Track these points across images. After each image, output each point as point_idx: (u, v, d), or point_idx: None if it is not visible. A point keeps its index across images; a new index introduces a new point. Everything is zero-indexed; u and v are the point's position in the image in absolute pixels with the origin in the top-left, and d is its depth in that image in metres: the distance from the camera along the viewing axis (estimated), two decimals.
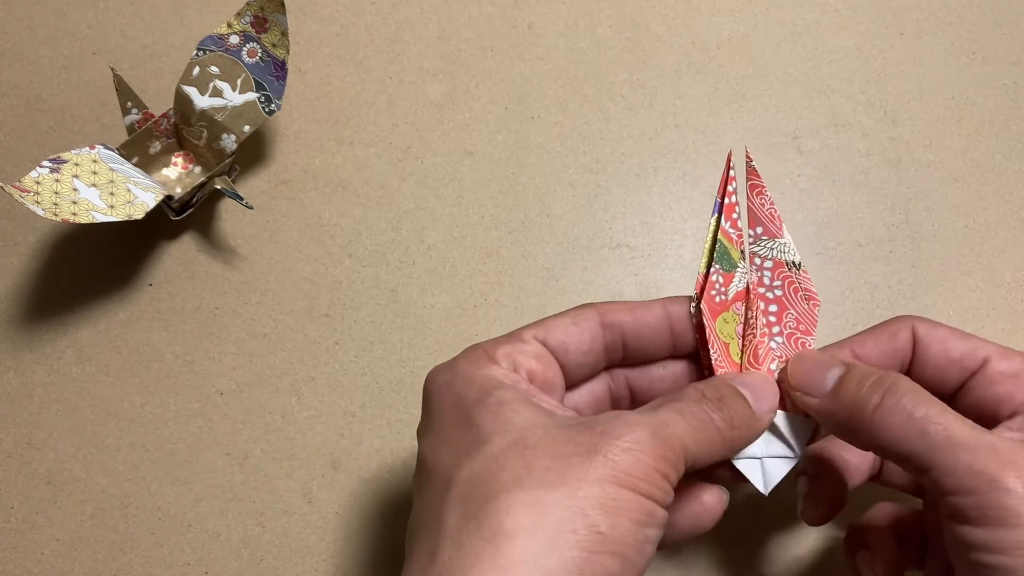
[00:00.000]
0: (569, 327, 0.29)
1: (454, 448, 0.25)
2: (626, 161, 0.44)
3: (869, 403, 0.26)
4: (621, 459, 0.23)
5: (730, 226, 0.31)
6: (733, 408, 0.27)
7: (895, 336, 0.30)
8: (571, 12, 0.46)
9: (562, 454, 0.23)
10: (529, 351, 0.28)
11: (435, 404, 0.27)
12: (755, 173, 0.31)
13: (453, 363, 0.28)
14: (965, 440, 0.24)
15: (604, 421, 0.24)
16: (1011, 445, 0.24)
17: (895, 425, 0.25)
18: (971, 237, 0.42)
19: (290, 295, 0.41)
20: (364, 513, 0.39)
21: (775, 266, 0.31)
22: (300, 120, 0.44)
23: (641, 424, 0.24)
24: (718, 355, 0.30)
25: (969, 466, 0.24)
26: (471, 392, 0.26)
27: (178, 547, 0.39)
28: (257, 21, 0.40)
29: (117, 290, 0.41)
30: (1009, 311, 0.41)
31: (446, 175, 0.43)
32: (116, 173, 0.38)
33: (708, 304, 0.30)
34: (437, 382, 0.28)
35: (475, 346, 0.29)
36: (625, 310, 0.30)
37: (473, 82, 0.45)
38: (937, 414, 0.25)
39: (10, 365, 0.40)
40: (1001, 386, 0.28)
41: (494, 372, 0.27)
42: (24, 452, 0.40)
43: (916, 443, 0.25)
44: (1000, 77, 0.45)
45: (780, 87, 0.45)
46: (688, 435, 0.25)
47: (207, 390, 0.40)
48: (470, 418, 0.25)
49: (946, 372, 0.30)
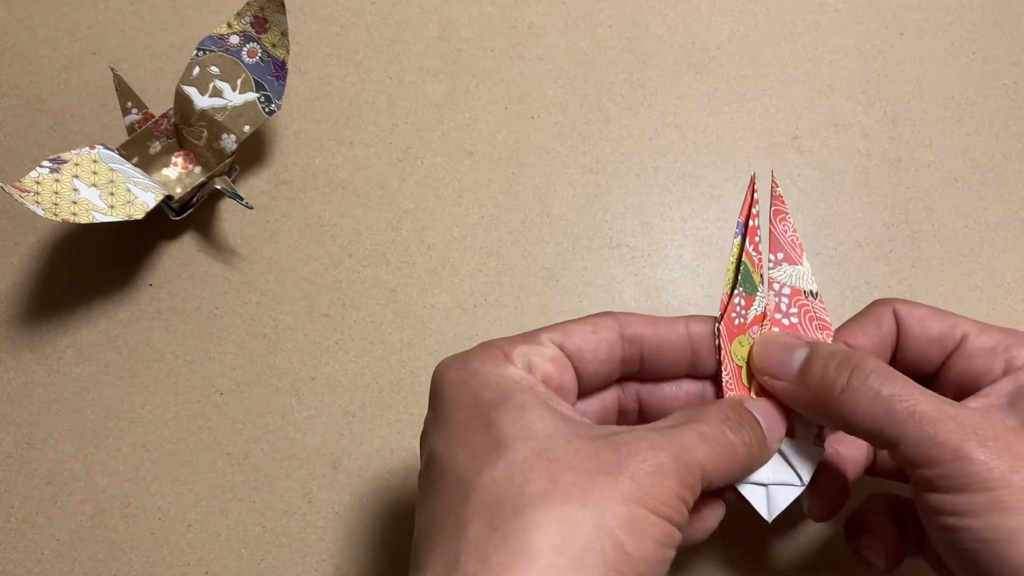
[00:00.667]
0: (588, 334, 0.29)
1: (472, 449, 0.24)
2: (626, 161, 0.44)
3: (836, 384, 0.27)
4: (646, 482, 0.23)
5: (753, 249, 0.31)
6: (751, 433, 0.27)
7: (880, 322, 0.31)
8: (571, 12, 0.46)
9: (587, 470, 0.23)
10: (546, 354, 0.28)
11: (448, 400, 0.26)
12: (780, 199, 0.31)
13: (466, 359, 0.27)
14: (929, 414, 0.25)
15: (628, 441, 0.24)
16: (973, 416, 0.25)
17: (863, 404, 0.26)
18: (971, 237, 0.42)
19: (290, 295, 0.41)
20: (364, 513, 0.39)
21: (792, 293, 0.31)
22: (300, 120, 0.44)
23: (665, 447, 0.24)
24: (729, 377, 0.30)
25: (933, 438, 0.24)
26: (488, 392, 0.25)
27: (178, 547, 0.39)
28: (257, 21, 0.40)
29: (117, 290, 0.41)
30: (1009, 311, 0.41)
31: (446, 175, 0.43)
32: (116, 173, 0.38)
33: (727, 325, 0.30)
34: (449, 377, 0.27)
35: (490, 343, 0.28)
36: (646, 323, 0.30)
37: (473, 82, 0.45)
38: (902, 390, 0.26)
39: (10, 365, 0.40)
40: (980, 360, 0.29)
41: (510, 372, 0.26)
42: (24, 452, 0.40)
43: (883, 420, 0.25)
44: (1000, 77, 0.45)
45: (780, 87, 0.45)
46: (708, 460, 0.25)
47: (207, 390, 0.40)
48: (489, 419, 0.25)
49: (928, 350, 0.30)
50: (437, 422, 0.27)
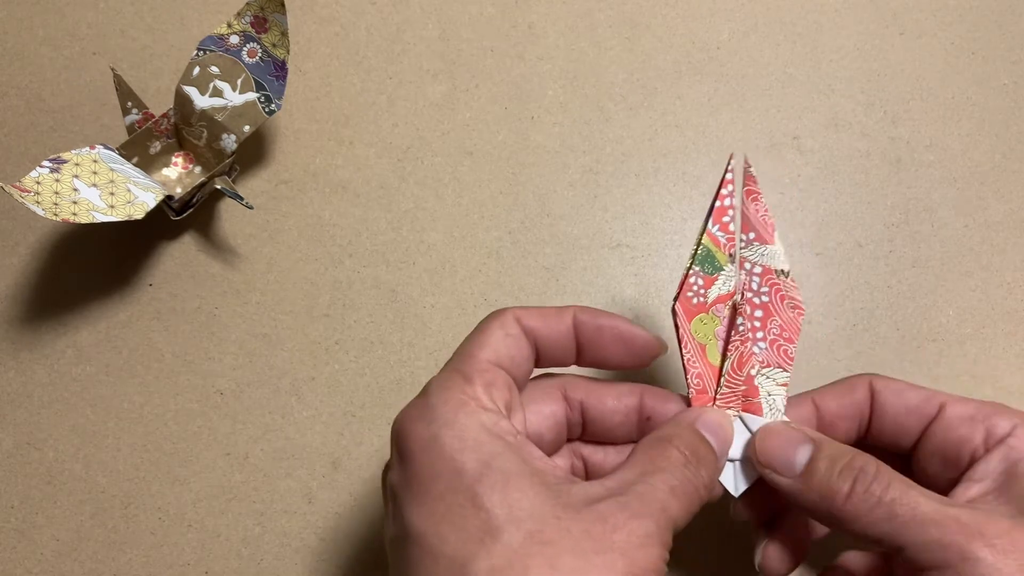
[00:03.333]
0: (504, 339, 0.29)
1: (462, 531, 0.24)
2: (626, 161, 0.44)
3: (841, 492, 0.27)
4: (637, 555, 0.23)
5: (718, 229, 0.31)
6: (706, 464, 0.28)
7: (853, 389, 0.31)
8: (571, 12, 0.46)
9: (583, 551, 0.23)
10: (500, 381, 0.28)
11: (422, 467, 0.25)
12: (752, 179, 0.31)
13: (431, 408, 0.26)
14: (932, 516, 0.25)
15: (613, 511, 0.24)
16: (976, 515, 0.25)
17: (866, 512, 0.26)
18: (971, 237, 0.42)
19: (290, 295, 0.41)
20: (364, 513, 0.39)
21: (764, 272, 0.31)
22: (300, 120, 0.44)
23: (646, 515, 0.24)
24: (691, 355, 0.30)
25: (939, 541, 0.25)
26: (468, 459, 0.25)
27: (178, 547, 0.39)
28: (257, 21, 0.40)
29: (117, 290, 0.41)
30: (1009, 311, 0.41)
31: (446, 175, 0.43)
32: (116, 173, 0.38)
33: (684, 305, 0.31)
34: (418, 437, 0.26)
35: (445, 382, 0.27)
36: (538, 315, 0.30)
37: (473, 82, 0.45)
38: (902, 494, 0.26)
39: (10, 365, 0.40)
40: (960, 429, 0.29)
41: (484, 421, 0.26)
42: (24, 452, 0.40)
43: (887, 526, 0.26)
44: (1000, 77, 0.45)
45: (780, 87, 0.45)
46: (680, 511, 0.26)
47: (207, 390, 0.40)
48: (475, 496, 0.24)
49: (906, 421, 0.30)
50: (413, 491, 0.25)
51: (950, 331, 0.41)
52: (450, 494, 0.24)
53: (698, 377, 0.31)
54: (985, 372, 0.40)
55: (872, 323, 0.41)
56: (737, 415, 0.31)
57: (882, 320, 0.41)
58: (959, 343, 0.41)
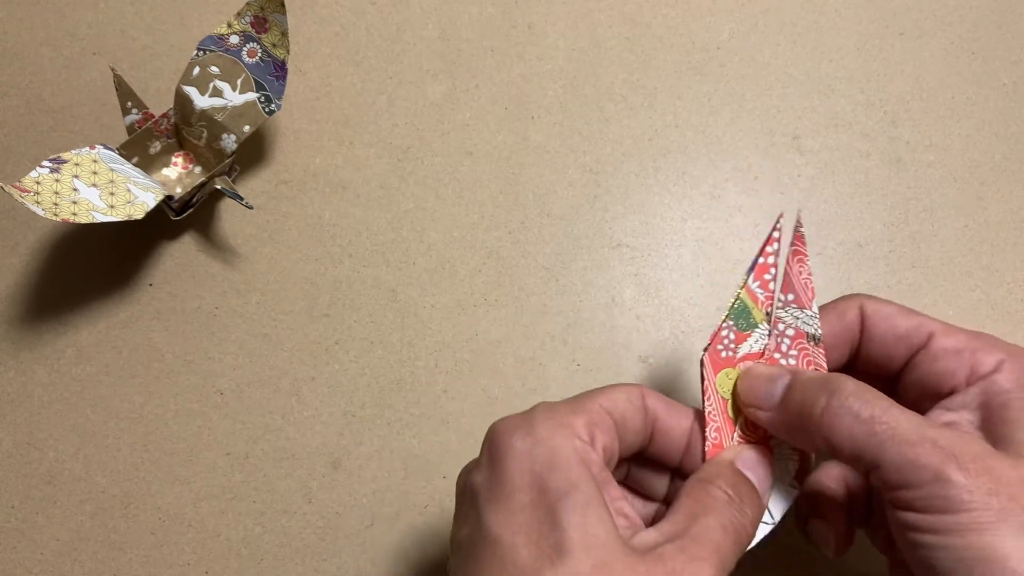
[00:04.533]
0: (625, 402, 0.29)
1: (535, 542, 0.24)
2: (626, 161, 0.44)
3: (816, 406, 0.27)
4: None
5: (759, 286, 0.31)
6: (750, 502, 0.28)
7: (843, 315, 0.31)
8: (571, 12, 0.46)
9: None
10: (605, 425, 0.28)
11: (511, 473, 0.26)
12: (801, 239, 0.31)
13: (531, 424, 0.27)
14: (909, 436, 0.25)
15: (672, 555, 0.25)
16: (952, 438, 0.25)
17: (842, 426, 0.26)
18: (971, 237, 0.42)
19: (290, 295, 0.41)
20: (364, 513, 0.39)
21: (796, 335, 0.31)
22: (300, 120, 0.44)
23: (704, 558, 0.25)
24: (712, 408, 0.30)
25: (914, 461, 0.25)
26: (556, 477, 0.25)
27: (178, 547, 0.39)
28: (257, 21, 0.40)
29: (117, 290, 0.41)
30: (1009, 311, 0.41)
31: (446, 175, 0.43)
32: (116, 173, 0.38)
33: (712, 357, 0.30)
34: (515, 446, 0.26)
35: (553, 408, 0.28)
36: (663, 405, 0.30)
37: (473, 82, 0.45)
38: (881, 412, 0.26)
39: (10, 365, 0.40)
40: (944, 362, 0.29)
41: (577, 447, 0.26)
42: (24, 452, 0.40)
43: (863, 442, 0.26)
44: (1000, 77, 0.45)
45: (780, 87, 0.45)
46: (732, 550, 0.26)
47: (207, 390, 0.40)
48: (555, 513, 0.25)
49: (893, 348, 0.30)
50: (496, 497, 0.26)
51: None
52: (531, 507, 0.25)
53: (717, 431, 0.30)
54: None
55: None
56: None
57: None
58: None
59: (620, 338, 0.41)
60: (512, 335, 0.41)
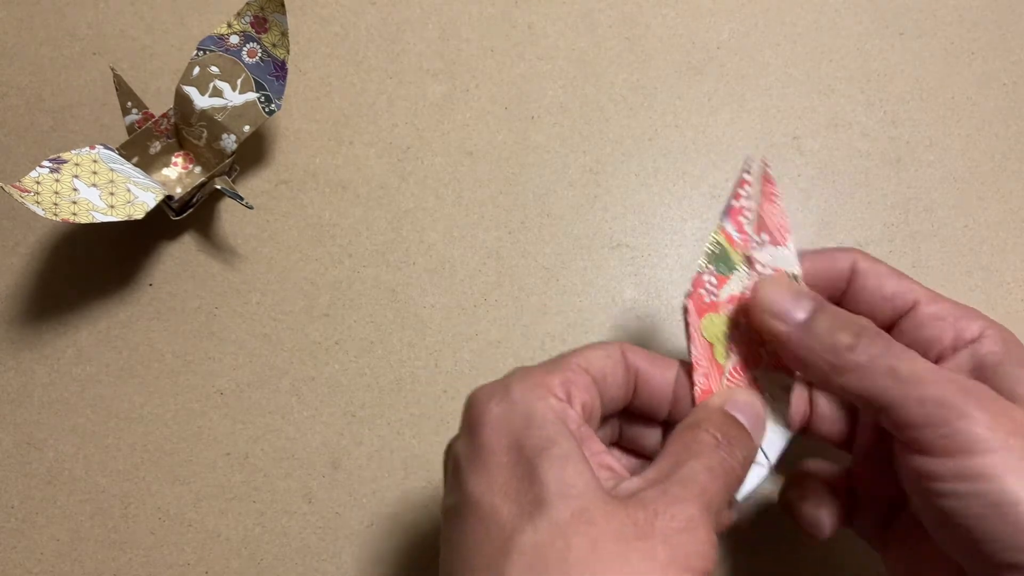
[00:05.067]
0: (604, 358, 0.29)
1: (514, 500, 0.25)
2: (626, 161, 0.44)
3: (842, 343, 0.27)
4: (680, 541, 0.24)
5: (734, 229, 0.31)
6: (740, 444, 0.27)
7: (835, 263, 0.31)
8: (571, 12, 0.46)
9: (625, 536, 0.24)
10: (581, 382, 0.28)
11: (488, 437, 0.26)
12: (770, 181, 0.31)
13: (507, 389, 0.27)
14: (931, 377, 0.25)
15: (655, 498, 0.25)
16: (970, 382, 0.26)
17: (867, 363, 0.26)
18: (971, 237, 0.42)
19: (290, 295, 0.41)
20: (364, 513, 0.39)
21: (775, 274, 0.31)
22: (300, 120, 0.44)
23: (689, 499, 0.25)
24: (698, 353, 0.30)
25: (938, 398, 0.25)
26: (532, 435, 0.25)
27: (178, 547, 0.39)
28: (257, 21, 0.40)
29: (117, 290, 0.41)
30: (1009, 311, 0.41)
31: (446, 175, 0.43)
32: (116, 173, 0.38)
33: (695, 302, 0.30)
34: (491, 411, 0.26)
35: (528, 371, 0.28)
36: (645, 358, 0.30)
37: (473, 82, 0.45)
38: (903, 353, 0.26)
39: (10, 365, 0.40)
40: (929, 327, 0.30)
41: (552, 404, 0.26)
42: (24, 452, 0.40)
43: (886, 381, 0.26)
44: (1000, 77, 0.45)
45: (780, 87, 0.45)
46: (720, 493, 0.26)
47: (207, 390, 0.40)
48: (533, 470, 0.25)
49: (879, 308, 0.31)
50: (475, 462, 0.26)
51: None
52: (510, 467, 0.25)
53: (704, 376, 0.30)
54: None
55: None
56: None
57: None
58: None
59: (620, 338, 0.41)
60: (512, 335, 0.41)
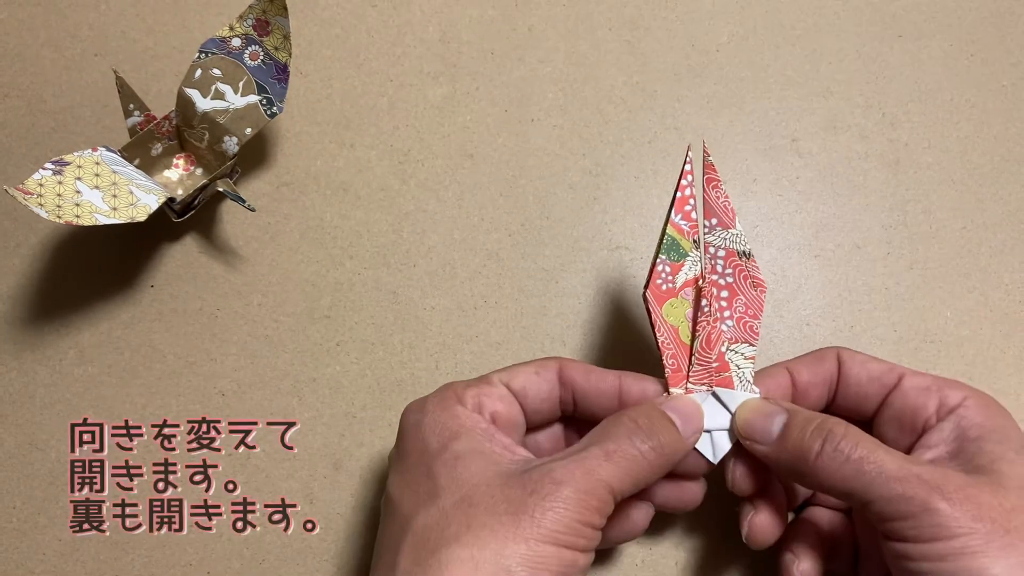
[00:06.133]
0: (531, 375, 0.33)
1: (414, 494, 0.29)
2: (626, 163, 0.44)
3: (812, 450, 0.29)
4: (546, 518, 0.26)
5: (681, 218, 0.33)
6: (663, 435, 0.30)
7: (823, 360, 0.34)
8: (571, 15, 0.46)
9: (496, 512, 0.26)
10: (495, 394, 0.32)
11: (406, 443, 0.31)
12: (712, 168, 0.33)
13: (424, 402, 0.32)
14: (896, 473, 0.28)
15: (536, 478, 0.27)
16: (934, 472, 0.28)
17: (836, 468, 0.29)
18: (969, 239, 0.43)
19: (291, 297, 0.42)
20: (365, 514, 0.39)
21: (727, 255, 0.33)
22: (302, 122, 0.44)
23: (567, 480, 0.27)
24: (664, 338, 0.33)
25: (902, 495, 0.27)
26: (434, 440, 0.30)
27: (179, 547, 0.39)
28: (259, 24, 0.40)
29: (119, 291, 0.42)
30: (1007, 313, 0.41)
31: (447, 177, 0.43)
32: (118, 175, 0.38)
33: (654, 292, 0.33)
34: (409, 421, 0.31)
35: (448, 385, 0.32)
36: (582, 372, 0.33)
37: (474, 85, 0.45)
38: (869, 452, 0.28)
39: (12, 366, 0.41)
40: (915, 399, 0.32)
41: (459, 414, 0.30)
42: (26, 452, 0.40)
43: (854, 481, 0.28)
44: (999, 79, 0.45)
45: (779, 89, 0.45)
46: (614, 477, 0.28)
47: (208, 391, 0.40)
48: (430, 469, 0.29)
49: (868, 388, 0.33)
50: (394, 465, 0.31)
51: (948, 332, 0.41)
52: (415, 467, 0.30)
53: (672, 357, 0.33)
54: (982, 373, 0.41)
55: (870, 324, 0.41)
56: (710, 391, 0.33)
57: (880, 321, 0.41)
58: (957, 344, 0.41)
59: (619, 342, 0.41)
60: (512, 337, 0.41)
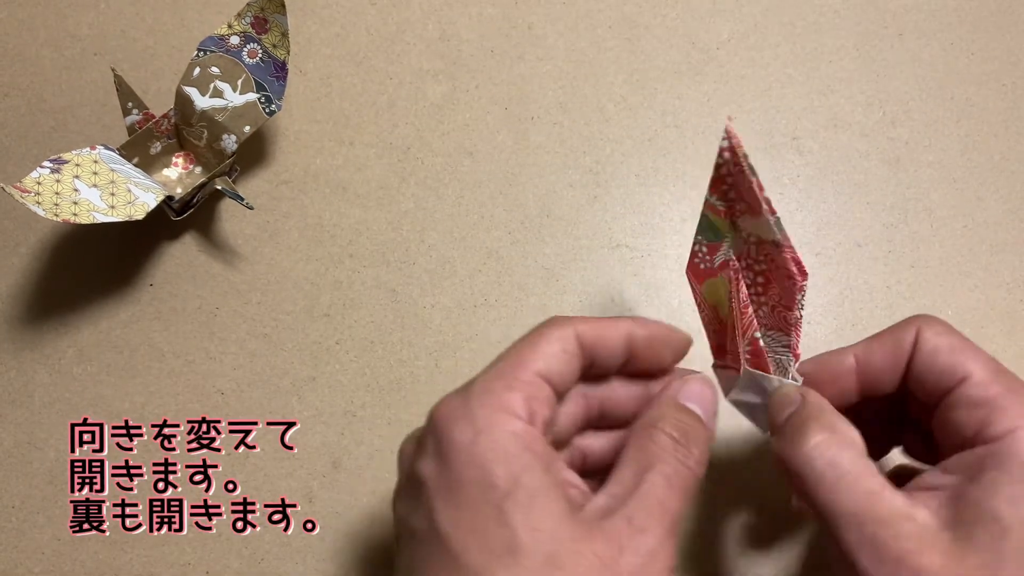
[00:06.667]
0: (559, 355, 0.29)
1: (484, 542, 0.25)
2: (626, 161, 0.44)
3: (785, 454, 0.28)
4: (643, 573, 0.25)
5: (717, 199, 0.32)
6: (695, 438, 0.28)
7: (899, 340, 0.31)
8: (571, 13, 0.46)
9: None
10: (543, 396, 0.28)
11: (458, 469, 0.26)
12: (736, 152, 0.32)
13: (470, 410, 0.27)
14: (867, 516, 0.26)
15: (620, 530, 0.25)
16: (905, 526, 0.26)
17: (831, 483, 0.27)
18: (970, 237, 0.42)
19: (291, 295, 0.42)
20: (364, 513, 0.39)
21: (759, 243, 0.32)
22: (300, 120, 0.44)
23: (649, 528, 0.25)
24: (706, 316, 0.33)
25: (870, 538, 0.26)
26: (501, 471, 0.25)
27: (178, 547, 0.39)
28: (258, 22, 0.40)
29: (118, 290, 0.42)
30: (1008, 311, 0.41)
31: (446, 175, 0.43)
32: (117, 173, 0.38)
33: (693, 271, 0.33)
34: (456, 440, 0.26)
35: (488, 386, 0.27)
36: (591, 332, 0.30)
37: (473, 83, 0.45)
38: (847, 484, 0.27)
39: (11, 365, 0.41)
40: (958, 413, 0.28)
41: (519, 433, 0.26)
42: (25, 451, 0.40)
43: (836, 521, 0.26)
44: (999, 77, 0.45)
45: (779, 87, 0.45)
46: (680, 502, 0.27)
47: (208, 390, 0.40)
48: (502, 511, 0.25)
49: (930, 385, 0.30)
50: (444, 492, 0.26)
51: None
52: (479, 505, 0.25)
53: (714, 333, 0.33)
54: None
55: (871, 323, 0.41)
56: (748, 372, 0.32)
57: (881, 320, 0.41)
58: None
59: None
60: (512, 335, 0.41)
